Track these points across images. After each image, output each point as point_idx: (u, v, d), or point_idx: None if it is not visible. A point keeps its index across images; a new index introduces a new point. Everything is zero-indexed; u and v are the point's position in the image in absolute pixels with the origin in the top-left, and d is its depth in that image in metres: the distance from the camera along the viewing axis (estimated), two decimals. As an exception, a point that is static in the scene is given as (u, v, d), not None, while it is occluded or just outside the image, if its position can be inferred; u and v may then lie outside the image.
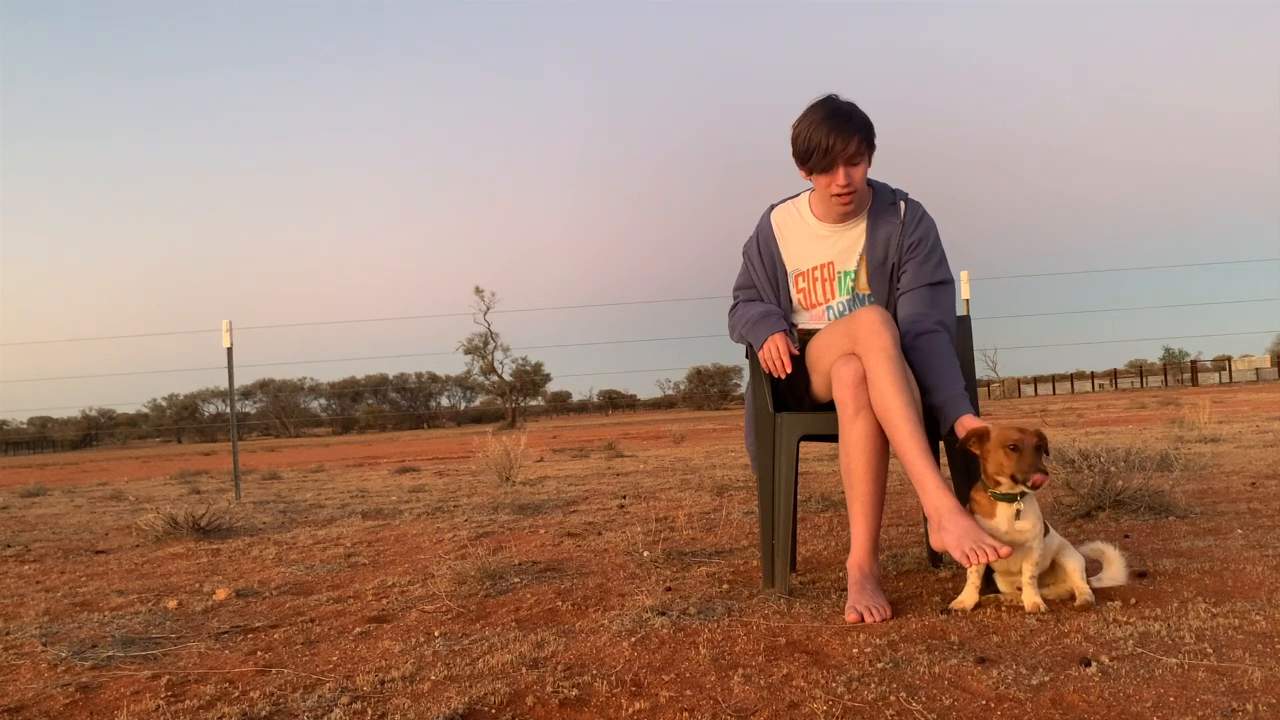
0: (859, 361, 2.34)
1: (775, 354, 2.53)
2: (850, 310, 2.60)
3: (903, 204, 2.61)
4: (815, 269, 2.66)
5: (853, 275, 2.63)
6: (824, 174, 2.49)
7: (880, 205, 2.62)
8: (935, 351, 2.46)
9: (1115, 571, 2.38)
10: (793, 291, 2.69)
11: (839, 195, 2.51)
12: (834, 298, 2.65)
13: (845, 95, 2.52)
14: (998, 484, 2.22)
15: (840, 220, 2.62)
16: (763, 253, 2.70)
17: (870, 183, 2.62)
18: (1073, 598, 2.25)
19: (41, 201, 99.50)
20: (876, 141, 2.52)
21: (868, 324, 2.34)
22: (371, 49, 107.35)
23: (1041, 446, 2.21)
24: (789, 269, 2.69)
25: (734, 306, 2.78)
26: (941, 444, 2.54)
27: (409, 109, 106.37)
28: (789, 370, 2.55)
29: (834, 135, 2.42)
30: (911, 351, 2.46)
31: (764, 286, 2.71)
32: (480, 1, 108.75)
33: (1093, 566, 2.40)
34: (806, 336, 2.67)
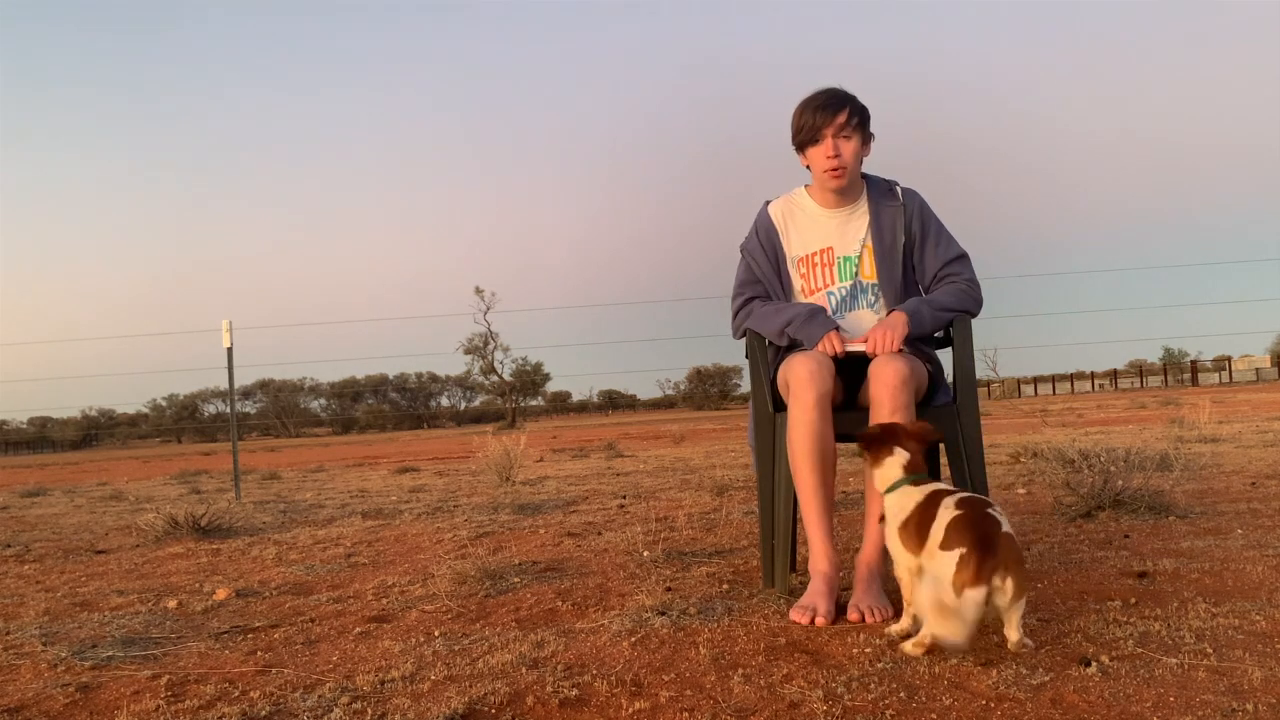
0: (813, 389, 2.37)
1: (831, 352, 2.52)
2: (851, 296, 2.64)
3: (899, 189, 2.67)
4: (815, 254, 2.67)
5: (854, 262, 2.64)
6: (814, 146, 2.55)
7: (878, 193, 2.67)
8: (943, 291, 2.60)
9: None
10: (794, 277, 2.70)
11: (830, 170, 2.54)
12: (834, 283, 2.66)
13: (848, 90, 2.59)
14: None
15: (837, 205, 2.65)
16: (765, 246, 2.71)
17: (864, 176, 2.67)
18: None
19: (41, 201, 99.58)
20: (873, 129, 2.59)
21: (797, 377, 2.39)
22: (371, 49, 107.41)
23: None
24: (791, 255, 2.70)
25: (745, 303, 2.75)
26: (942, 446, 2.55)
27: (408, 109, 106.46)
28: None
29: (823, 110, 2.52)
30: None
31: (769, 279, 2.71)
32: (480, 2, 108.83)
33: None
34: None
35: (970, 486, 2.46)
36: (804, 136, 2.56)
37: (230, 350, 7.71)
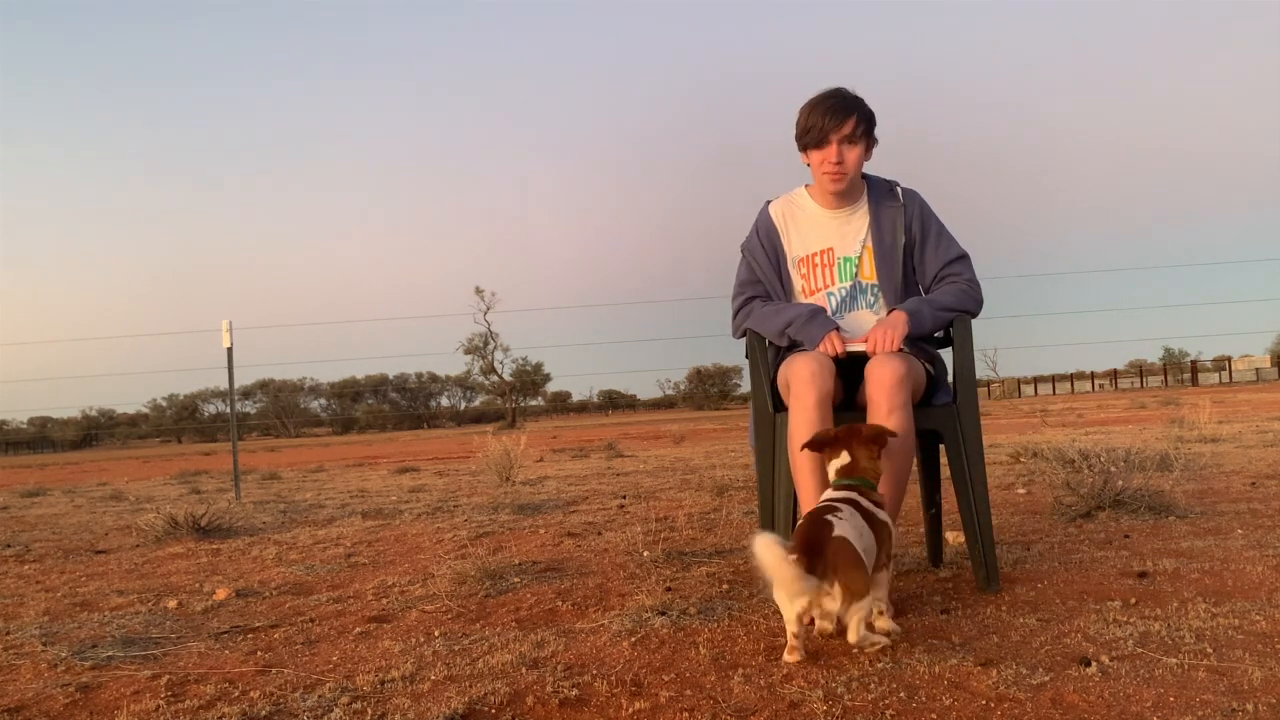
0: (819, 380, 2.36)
1: (832, 353, 2.52)
2: (851, 297, 2.64)
3: (899, 189, 2.68)
4: (816, 254, 2.68)
5: (854, 262, 2.65)
6: (818, 149, 2.55)
7: (878, 194, 2.67)
8: (943, 291, 2.60)
9: None
10: (795, 277, 2.70)
11: (829, 173, 2.55)
12: (834, 283, 2.66)
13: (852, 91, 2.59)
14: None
15: (837, 205, 2.65)
16: (765, 246, 2.71)
17: (865, 176, 2.68)
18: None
19: (42, 201, 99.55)
20: (877, 135, 2.59)
21: (799, 378, 2.38)
22: (371, 50, 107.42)
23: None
24: (792, 256, 2.71)
25: (745, 303, 2.75)
26: (942, 446, 2.54)
27: (408, 109, 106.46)
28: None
29: (831, 114, 2.52)
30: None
31: (770, 279, 2.71)
32: (480, 2, 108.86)
33: None
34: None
35: (970, 486, 2.46)
36: (809, 139, 2.56)
37: (230, 350, 7.71)
